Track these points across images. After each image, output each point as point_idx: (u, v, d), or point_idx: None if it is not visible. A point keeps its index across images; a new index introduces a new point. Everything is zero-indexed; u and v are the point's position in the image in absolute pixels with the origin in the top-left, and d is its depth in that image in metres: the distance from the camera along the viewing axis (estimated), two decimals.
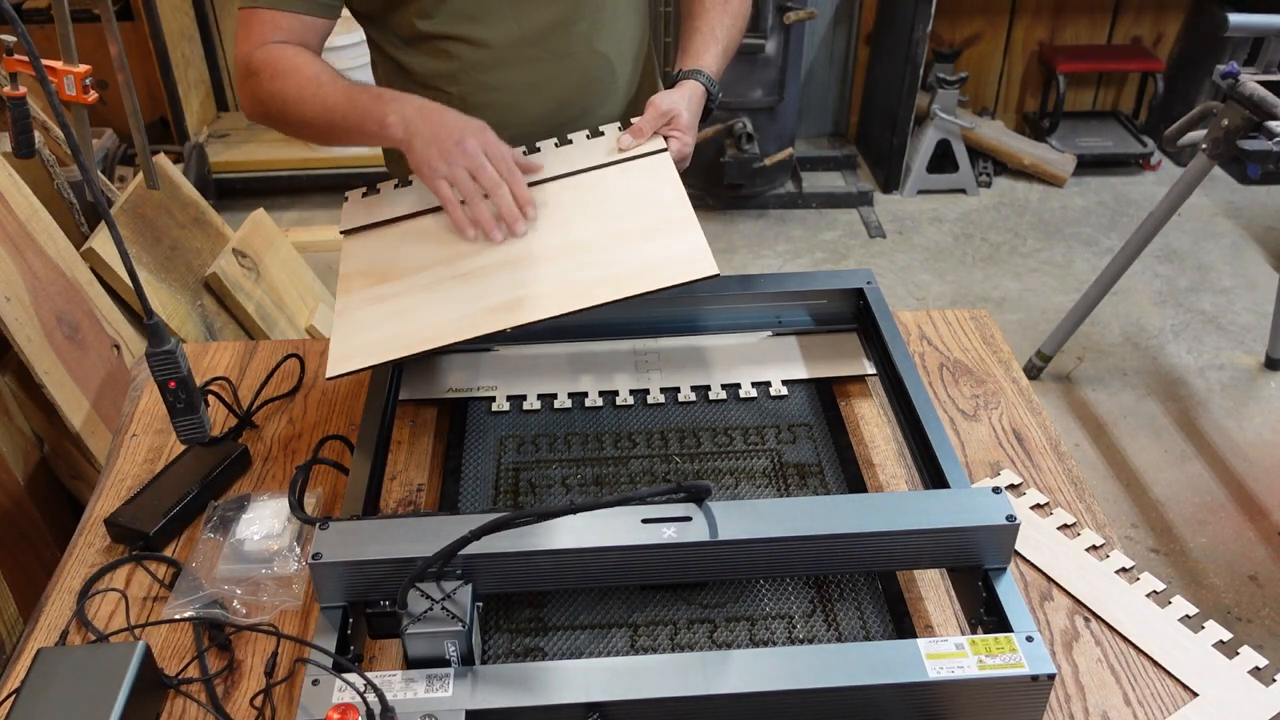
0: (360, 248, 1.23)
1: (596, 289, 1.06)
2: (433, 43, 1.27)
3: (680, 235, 1.10)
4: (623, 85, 1.37)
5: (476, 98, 1.30)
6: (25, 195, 1.88)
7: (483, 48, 1.26)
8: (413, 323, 1.08)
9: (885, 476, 1.14)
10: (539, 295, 1.07)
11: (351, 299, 1.15)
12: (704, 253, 1.07)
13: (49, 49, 1.61)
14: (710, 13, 1.33)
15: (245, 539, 1.06)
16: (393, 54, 1.31)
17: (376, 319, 1.10)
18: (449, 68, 1.28)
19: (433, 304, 1.09)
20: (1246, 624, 2.18)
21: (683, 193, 1.16)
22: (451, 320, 1.07)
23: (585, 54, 1.30)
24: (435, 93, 1.30)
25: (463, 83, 1.29)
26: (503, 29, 1.26)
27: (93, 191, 0.91)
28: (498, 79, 1.29)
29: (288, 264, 2.67)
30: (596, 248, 1.12)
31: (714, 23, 1.32)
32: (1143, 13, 3.98)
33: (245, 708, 0.93)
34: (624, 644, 0.95)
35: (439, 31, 1.26)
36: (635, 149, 1.22)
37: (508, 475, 1.14)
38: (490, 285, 1.10)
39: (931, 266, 3.41)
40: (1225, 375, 2.91)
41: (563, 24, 1.27)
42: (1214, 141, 2.43)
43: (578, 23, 1.28)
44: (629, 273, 1.07)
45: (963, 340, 1.39)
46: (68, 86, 1.81)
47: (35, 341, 1.73)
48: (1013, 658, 0.82)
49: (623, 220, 1.15)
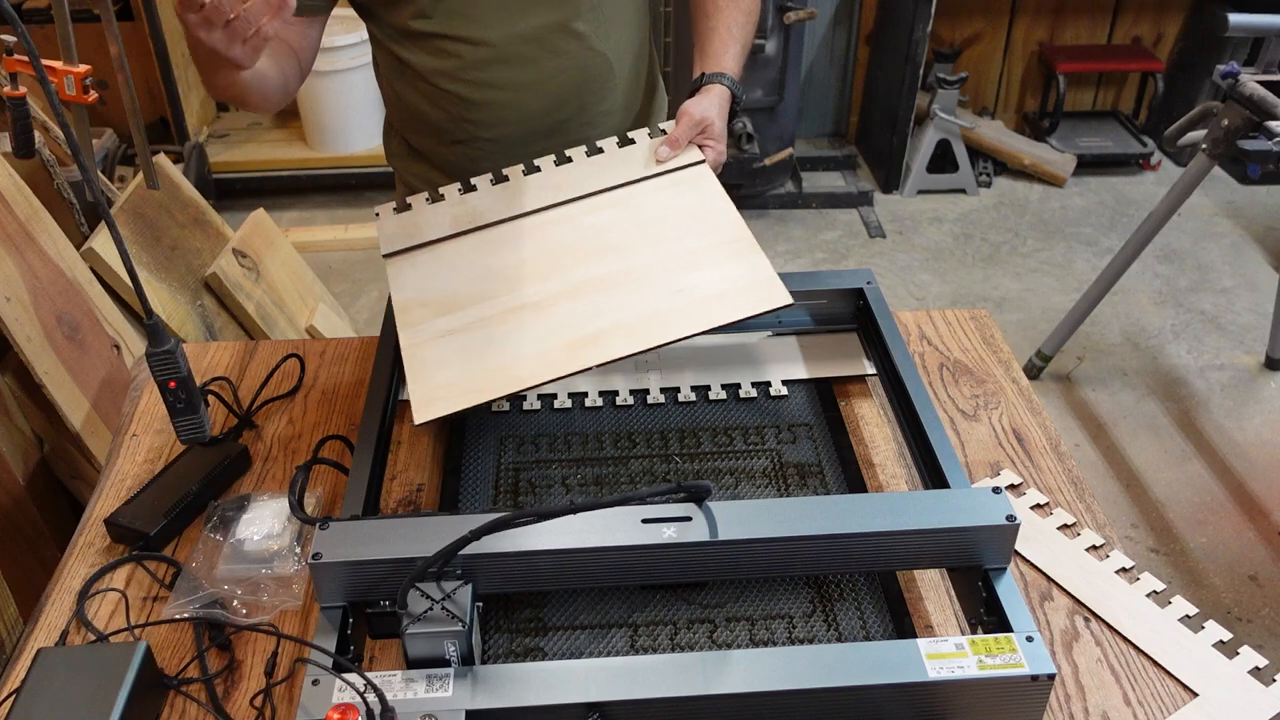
0: (409, 273, 1.18)
1: (673, 323, 1.05)
2: (430, 40, 1.27)
3: (744, 260, 1.10)
4: (621, 84, 1.37)
5: (475, 95, 1.30)
6: (25, 195, 1.88)
7: (481, 46, 1.27)
8: (492, 360, 1.06)
9: (885, 476, 1.14)
10: (615, 329, 1.06)
11: (418, 333, 1.11)
12: (772, 278, 1.07)
13: (49, 49, 1.60)
14: (725, 11, 1.32)
15: (245, 539, 1.06)
16: (392, 49, 1.31)
17: (452, 355, 1.07)
18: (447, 65, 1.28)
19: (508, 339, 1.07)
20: (1246, 624, 2.18)
21: (733, 209, 1.15)
22: (532, 358, 1.05)
23: (584, 53, 1.30)
24: (434, 89, 1.30)
25: (461, 80, 1.29)
26: (501, 28, 1.26)
27: (93, 191, 0.91)
28: (496, 77, 1.29)
29: (288, 264, 2.67)
30: (661, 274, 1.10)
31: (730, 22, 1.31)
32: (1143, 13, 3.98)
33: (245, 708, 0.93)
34: (624, 644, 0.95)
35: (436, 30, 1.26)
36: (673, 161, 1.22)
37: (508, 475, 1.14)
38: (562, 317, 1.08)
39: (931, 266, 3.41)
40: (1225, 375, 2.91)
41: (561, 23, 1.27)
42: (1214, 141, 2.43)
43: (576, 22, 1.28)
44: (701, 301, 1.07)
45: (963, 340, 1.39)
46: (68, 86, 1.80)
47: (35, 341, 1.73)
48: (1013, 658, 0.83)
49: (681, 242, 1.14)
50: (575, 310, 1.09)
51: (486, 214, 1.21)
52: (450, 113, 1.32)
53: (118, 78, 2.05)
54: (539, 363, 1.04)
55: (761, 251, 1.10)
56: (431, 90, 1.31)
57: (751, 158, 3.44)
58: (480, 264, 1.16)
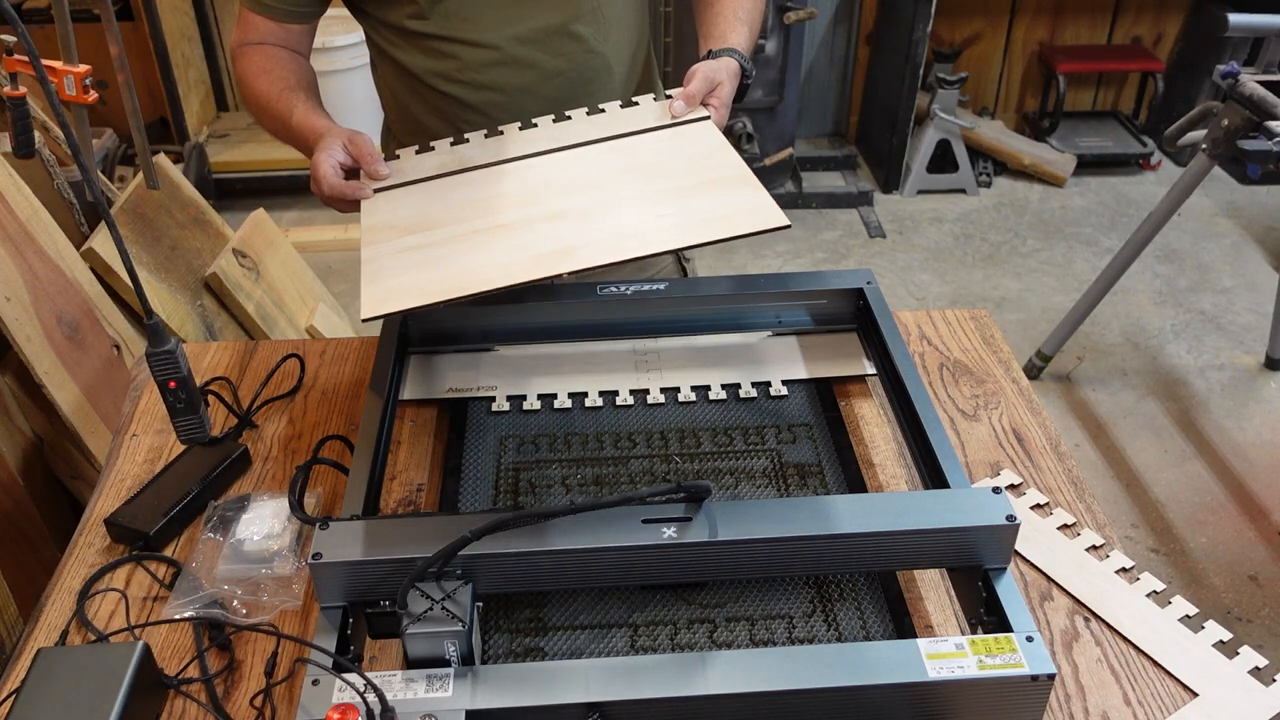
0: (383, 204, 1.14)
1: (658, 236, 1.00)
2: (427, 41, 1.27)
3: (742, 191, 1.05)
4: (620, 86, 1.37)
5: (473, 97, 1.30)
6: (25, 195, 1.88)
7: (479, 48, 1.26)
8: (452, 268, 1.00)
9: (885, 476, 1.14)
10: (594, 242, 1.01)
11: (380, 248, 1.05)
12: (771, 206, 1.01)
13: (49, 49, 1.60)
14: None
15: (245, 539, 1.06)
16: (390, 52, 1.31)
17: (411, 265, 1.02)
18: (446, 67, 1.28)
19: (473, 252, 1.02)
20: (1246, 624, 2.18)
21: (737, 156, 1.11)
22: (496, 266, 0.99)
23: (583, 55, 1.30)
24: (431, 90, 1.30)
25: (459, 82, 1.29)
26: (500, 30, 1.26)
27: (93, 191, 0.91)
28: (494, 79, 1.29)
29: (288, 264, 2.67)
30: (654, 201, 1.06)
31: (735, 6, 1.30)
32: (1143, 13, 3.98)
33: (245, 708, 0.93)
34: (624, 644, 0.95)
35: (434, 31, 1.26)
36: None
37: (508, 475, 1.14)
38: (537, 234, 1.03)
39: (931, 266, 3.41)
40: (1225, 375, 2.91)
41: (561, 25, 1.27)
42: (1214, 141, 2.43)
43: (576, 24, 1.28)
44: (693, 223, 1.01)
45: (963, 340, 1.39)
46: (68, 86, 1.81)
47: (35, 341, 1.73)
48: (1013, 658, 0.82)
49: (677, 178, 1.10)
50: (554, 229, 1.04)
51: (474, 160, 1.19)
52: (447, 114, 1.32)
53: (118, 78, 2.05)
54: (502, 270, 0.98)
55: (763, 187, 1.05)
56: (428, 92, 1.31)
57: (751, 158, 3.44)
58: (458, 195, 1.13)
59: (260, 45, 1.28)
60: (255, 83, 1.26)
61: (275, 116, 1.25)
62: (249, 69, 1.27)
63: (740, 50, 1.26)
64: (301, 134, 1.21)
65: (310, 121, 1.21)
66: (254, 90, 1.26)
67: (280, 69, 1.26)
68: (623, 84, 1.37)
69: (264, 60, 1.27)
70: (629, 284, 1.29)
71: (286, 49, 1.29)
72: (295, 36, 1.29)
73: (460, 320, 1.29)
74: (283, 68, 1.26)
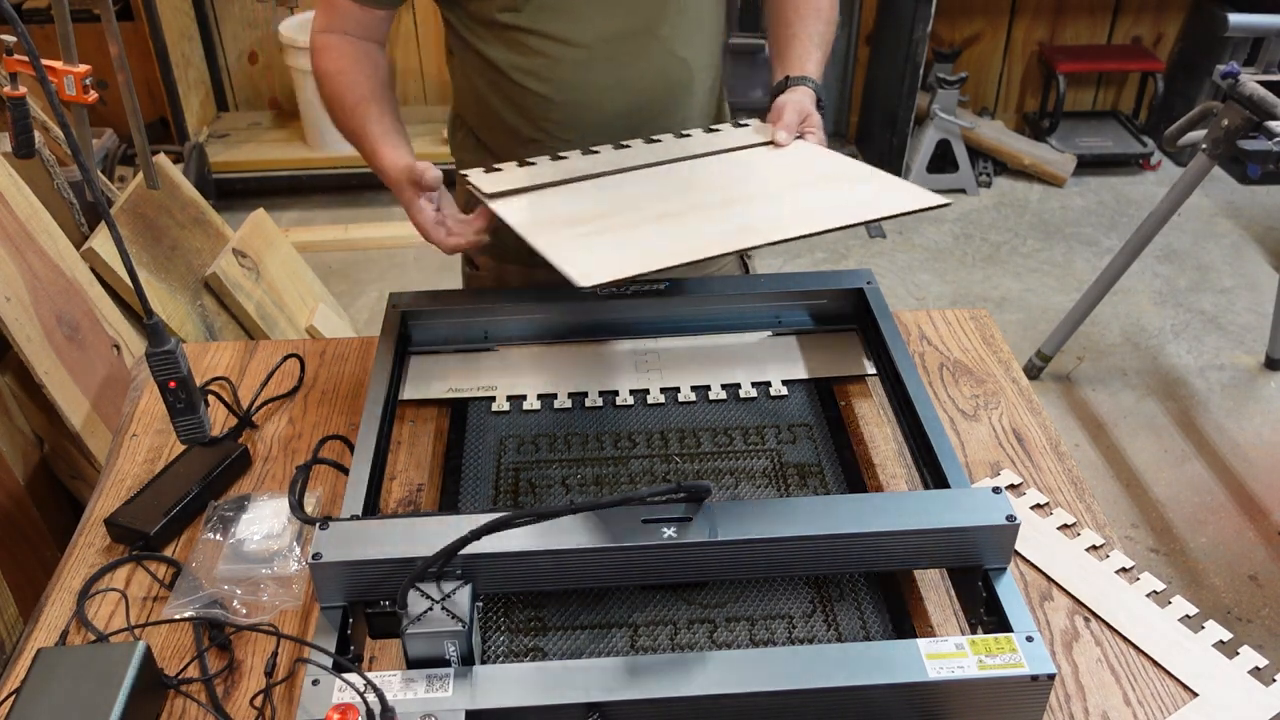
0: (524, 205, 1.10)
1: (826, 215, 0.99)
2: (515, 35, 1.25)
3: (882, 179, 1.07)
4: (699, 90, 1.35)
5: (556, 95, 1.27)
6: (25, 195, 1.88)
7: (567, 45, 1.24)
8: (649, 244, 1.00)
9: (885, 476, 1.14)
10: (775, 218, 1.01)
11: (555, 236, 1.02)
12: (922, 189, 1.03)
13: (49, 49, 1.60)
14: (806, 20, 1.31)
15: (245, 539, 1.06)
16: (475, 44, 1.28)
17: (604, 245, 1.00)
18: (530, 63, 1.26)
19: (660, 233, 1.02)
20: (1246, 624, 2.18)
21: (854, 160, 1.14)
22: (691, 240, 0.99)
23: (666, 58, 1.29)
24: (513, 85, 1.28)
25: (544, 79, 1.26)
26: (588, 28, 1.24)
27: (93, 191, 0.91)
28: (580, 78, 1.26)
29: (288, 264, 2.67)
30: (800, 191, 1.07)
31: (811, 30, 1.31)
32: (1143, 13, 3.98)
33: (245, 708, 0.93)
34: (624, 644, 0.95)
35: (524, 25, 1.23)
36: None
37: (508, 475, 1.14)
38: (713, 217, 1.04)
39: (931, 266, 3.41)
40: (1225, 375, 2.91)
41: (647, 27, 1.26)
42: (1214, 141, 2.43)
43: (661, 26, 1.26)
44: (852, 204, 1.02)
45: (963, 340, 1.39)
46: (68, 86, 1.81)
47: (35, 341, 1.73)
48: (1013, 658, 0.82)
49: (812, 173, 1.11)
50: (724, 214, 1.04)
51: (588, 170, 1.17)
52: (527, 110, 1.30)
53: (118, 78, 2.05)
54: (701, 244, 0.98)
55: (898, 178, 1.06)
56: (511, 87, 1.28)
57: None
58: (602, 195, 1.12)
59: (342, 36, 1.26)
60: (333, 82, 1.25)
61: (350, 129, 1.25)
62: (328, 65, 1.26)
63: (815, 79, 1.29)
64: (375, 163, 1.22)
65: (382, 156, 1.20)
66: (330, 90, 1.26)
67: (356, 70, 1.26)
68: (701, 92, 1.35)
69: (341, 58, 1.26)
70: (629, 284, 1.29)
71: (366, 40, 1.28)
72: (377, 22, 1.28)
73: (460, 320, 1.29)
74: (359, 69, 1.26)
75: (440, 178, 1.15)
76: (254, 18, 3.77)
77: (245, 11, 3.76)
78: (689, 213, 1.07)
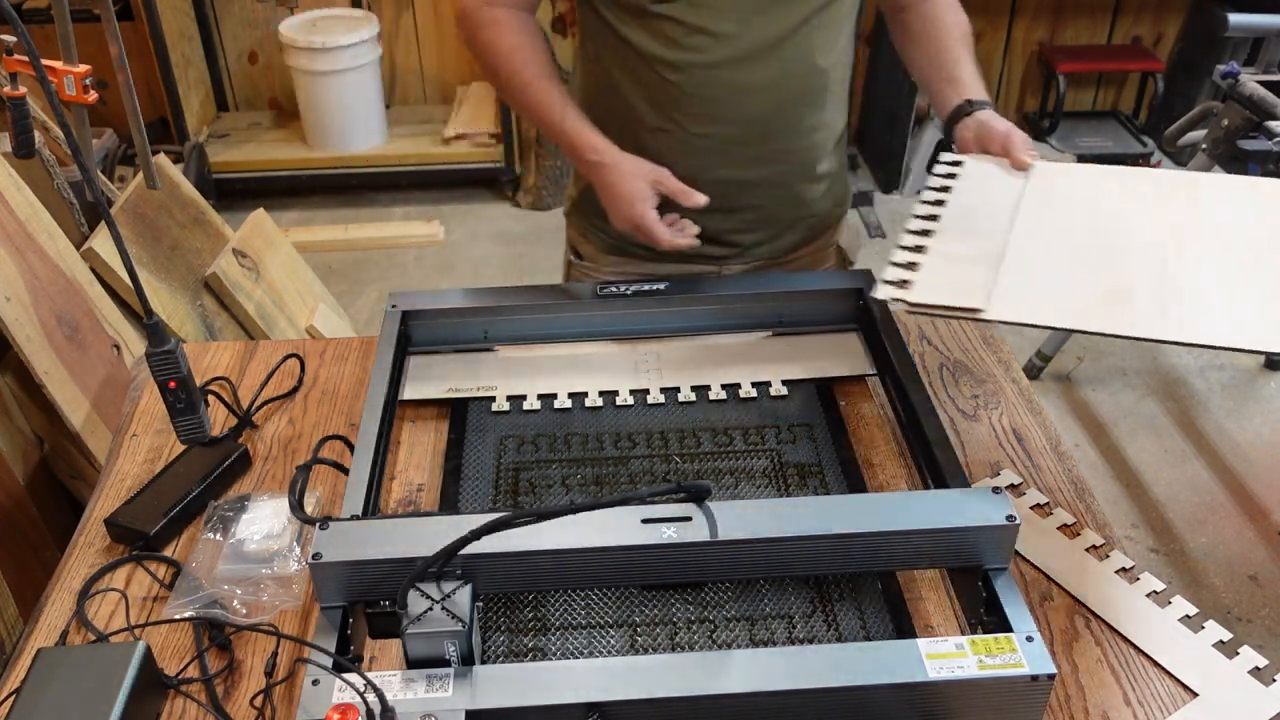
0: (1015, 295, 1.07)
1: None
2: (664, 25, 1.24)
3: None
4: (830, 102, 1.35)
5: (696, 90, 1.27)
6: (25, 195, 1.87)
7: (718, 40, 1.23)
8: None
9: (885, 476, 1.14)
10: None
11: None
12: None
13: (49, 49, 1.60)
14: (962, 43, 1.34)
15: (245, 539, 1.06)
16: (616, 26, 1.27)
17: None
18: (674, 56, 1.25)
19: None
20: (1246, 624, 2.18)
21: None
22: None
23: (805, 62, 1.28)
24: (652, 74, 1.27)
25: (686, 72, 1.26)
26: (741, 26, 1.23)
27: (93, 191, 0.91)
28: (724, 76, 1.26)
29: (288, 264, 2.67)
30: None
31: (968, 54, 1.33)
32: (1143, 13, 3.98)
33: (245, 708, 0.93)
34: (624, 644, 0.95)
35: (675, 16, 1.22)
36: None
37: (508, 475, 1.14)
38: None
39: None
40: (1225, 375, 2.91)
41: (794, 33, 1.25)
42: (1214, 141, 2.43)
43: (807, 33, 1.26)
44: None
45: (963, 340, 1.39)
46: (68, 86, 1.80)
47: (35, 341, 1.73)
48: (1013, 658, 0.82)
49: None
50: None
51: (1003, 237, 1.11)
52: (661, 101, 1.29)
53: (118, 78, 2.05)
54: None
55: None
56: (648, 73, 1.27)
57: None
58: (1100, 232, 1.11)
59: (506, 10, 1.27)
60: (508, 60, 1.28)
61: (527, 104, 1.29)
62: (497, 43, 1.28)
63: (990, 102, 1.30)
64: (574, 144, 1.27)
65: (587, 138, 1.26)
66: (506, 68, 1.28)
67: (529, 49, 1.28)
68: (834, 98, 1.35)
69: (511, 34, 1.28)
70: (629, 284, 1.29)
71: (524, 10, 1.29)
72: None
73: (460, 320, 1.29)
74: (531, 47, 1.28)
75: (690, 190, 1.24)
76: (254, 18, 3.77)
77: (245, 11, 3.76)
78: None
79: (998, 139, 1.23)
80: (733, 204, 1.35)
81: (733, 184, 1.33)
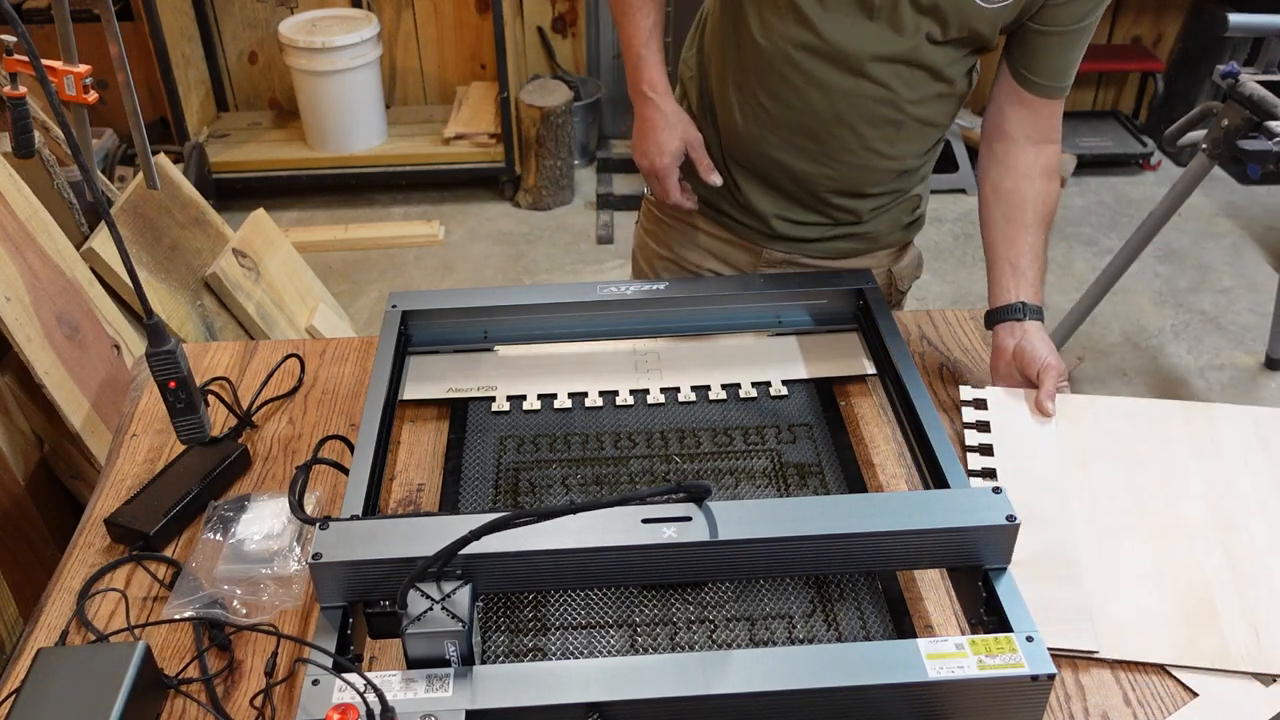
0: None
1: None
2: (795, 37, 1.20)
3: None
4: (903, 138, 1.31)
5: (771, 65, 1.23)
6: (25, 195, 1.87)
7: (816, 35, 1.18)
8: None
9: (885, 476, 1.14)
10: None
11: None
12: None
13: (49, 49, 1.60)
14: (1036, 228, 1.29)
15: (245, 539, 1.06)
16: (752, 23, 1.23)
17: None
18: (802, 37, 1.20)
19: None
20: None
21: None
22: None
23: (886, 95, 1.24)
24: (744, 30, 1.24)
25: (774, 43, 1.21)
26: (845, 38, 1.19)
27: (93, 191, 0.91)
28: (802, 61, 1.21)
29: (288, 264, 2.67)
30: None
31: (1038, 242, 1.29)
32: (1143, 13, 3.98)
33: (245, 708, 0.93)
34: (624, 644, 0.95)
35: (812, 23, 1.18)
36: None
37: (508, 475, 1.14)
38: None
39: (931, 266, 3.41)
40: (1225, 375, 2.90)
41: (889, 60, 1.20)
42: (1214, 141, 2.43)
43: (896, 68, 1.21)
44: None
45: (963, 340, 1.38)
46: (68, 86, 1.80)
47: (35, 341, 1.73)
48: (1013, 658, 0.82)
49: None
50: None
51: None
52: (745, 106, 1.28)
53: (118, 78, 2.05)
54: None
55: None
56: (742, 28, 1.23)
57: None
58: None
59: None
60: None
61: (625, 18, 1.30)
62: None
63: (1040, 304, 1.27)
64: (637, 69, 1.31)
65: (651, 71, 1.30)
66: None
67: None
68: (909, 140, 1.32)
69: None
70: (629, 284, 1.29)
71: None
72: None
73: (460, 320, 1.29)
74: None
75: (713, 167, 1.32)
76: (254, 18, 3.77)
77: (245, 11, 3.76)
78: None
79: (1034, 366, 1.20)
80: (780, 185, 1.35)
81: (781, 166, 1.31)
